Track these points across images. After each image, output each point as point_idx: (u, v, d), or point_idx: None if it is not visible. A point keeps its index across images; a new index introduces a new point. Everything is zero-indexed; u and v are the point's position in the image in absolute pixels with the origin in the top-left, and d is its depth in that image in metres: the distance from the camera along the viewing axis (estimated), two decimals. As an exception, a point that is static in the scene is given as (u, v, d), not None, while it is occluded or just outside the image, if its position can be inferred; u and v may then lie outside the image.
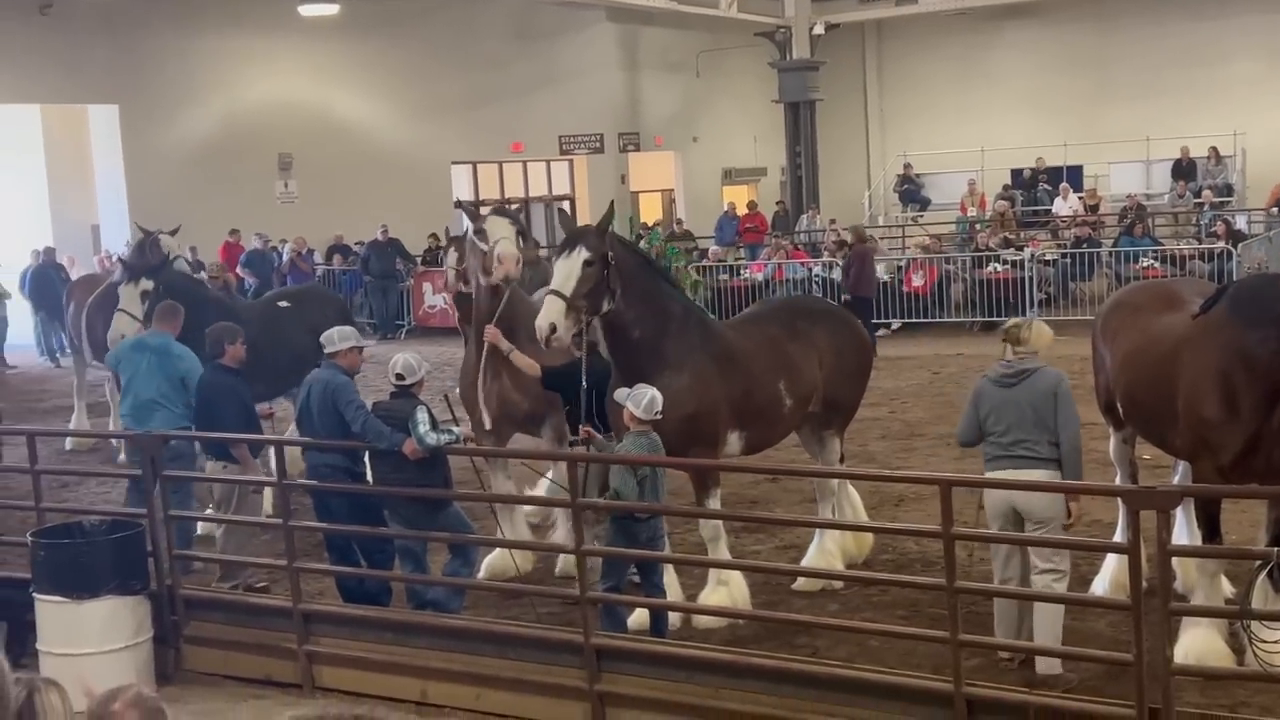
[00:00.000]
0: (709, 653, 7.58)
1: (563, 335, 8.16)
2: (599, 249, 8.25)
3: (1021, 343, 7.60)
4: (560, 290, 8.14)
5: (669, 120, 36.90)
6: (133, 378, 10.19)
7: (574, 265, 8.19)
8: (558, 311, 8.09)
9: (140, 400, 10.06)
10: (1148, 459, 9.29)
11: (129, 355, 10.33)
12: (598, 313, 8.32)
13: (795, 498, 11.56)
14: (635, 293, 8.44)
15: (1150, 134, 32.58)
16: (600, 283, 8.23)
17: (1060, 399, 7.45)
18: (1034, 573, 7.54)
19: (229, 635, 8.85)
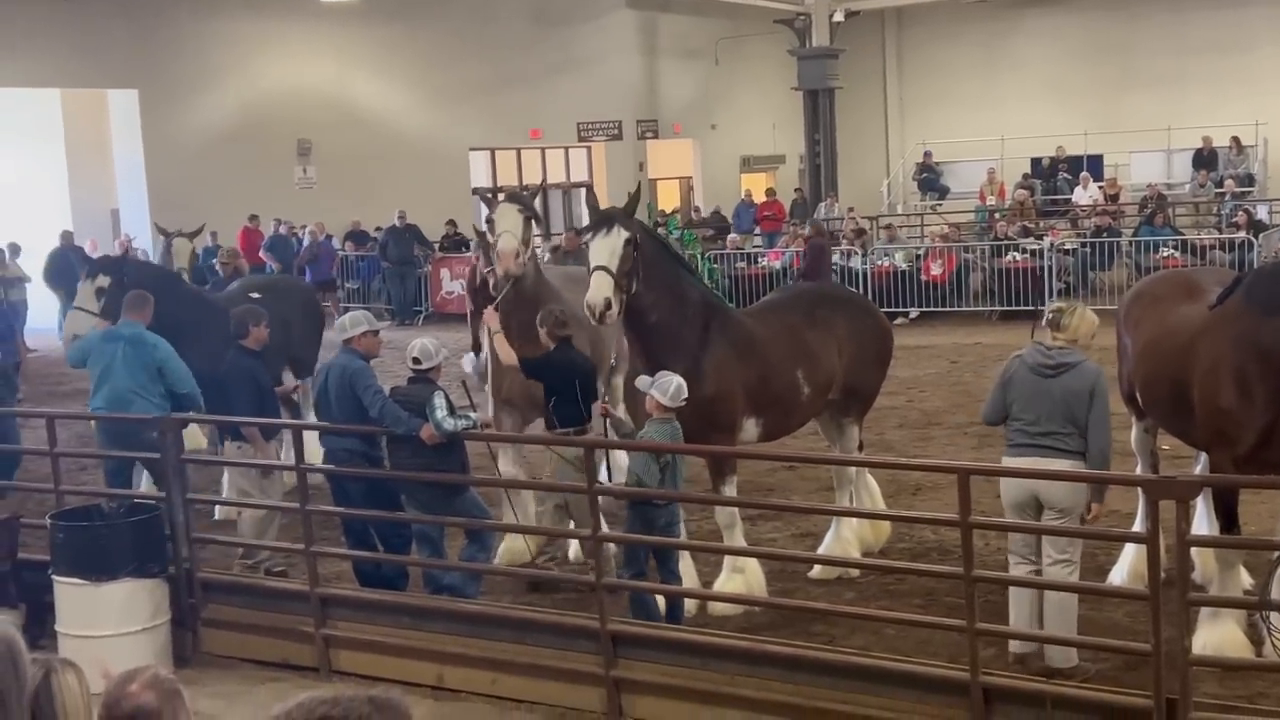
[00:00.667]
0: (725, 639, 7.58)
1: (616, 310, 8.10)
2: (633, 228, 8.28)
3: (1063, 330, 7.44)
4: (606, 265, 8.11)
5: (687, 107, 36.83)
6: (107, 368, 10.00)
7: (616, 243, 8.16)
8: (609, 287, 8.05)
9: (118, 391, 9.92)
10: (1167, 449, 9.25)
11: (100, 347, 10.14)
12: (629, 293, 8.28)
13: (812, 485, 11.55)
14: (655, 277, 8.43)
15: (1171, 123, 32.40)
16: (635, 264, 8.23)
17: (1096, 399, 7.30)
18: (1046, 563, 7.48)
19: (246, 618, 8.88)
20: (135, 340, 10.09)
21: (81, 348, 10.47)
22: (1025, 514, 7.48)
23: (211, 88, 27.17)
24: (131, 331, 10.14)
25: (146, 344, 10.10)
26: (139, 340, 10.10)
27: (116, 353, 10.01)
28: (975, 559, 6.93)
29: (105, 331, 10.33)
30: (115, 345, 10.07)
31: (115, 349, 10.04)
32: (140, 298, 10.36)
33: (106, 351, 10.06)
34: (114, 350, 10.04)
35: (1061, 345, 7.45)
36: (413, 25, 29.87)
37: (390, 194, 27.06)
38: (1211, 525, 8.07)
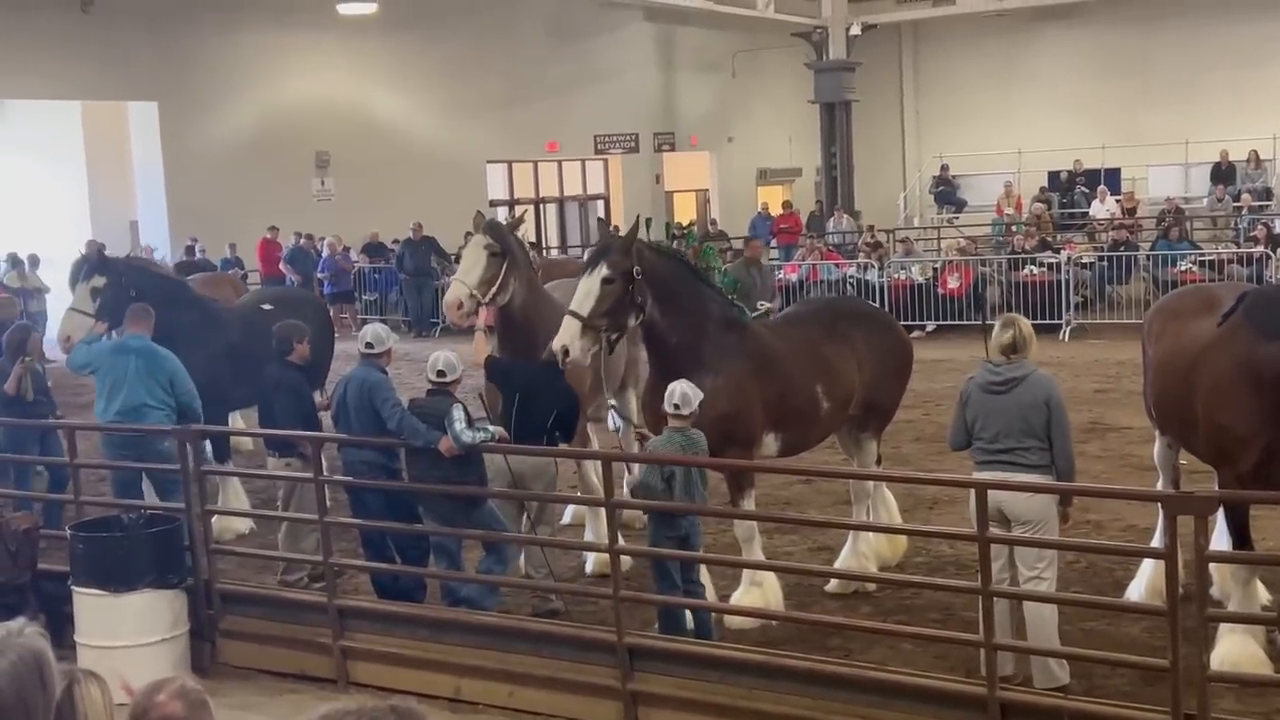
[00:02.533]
0: (742, 653, 7.59)
1: (578, 357, 8.13)
2: (622, 265, 8.20)
3: (1019, 351, 7.40)
4: (577, 310, 8.14)
5: (704, 120, 36.88)
6: (119, 381, 10.01)
7: (593, 284, 8.18)
8: (572, 333, 8.08)
9: (132, 403, 9.96)
10: (1185, 464, 9.23)
11: (111, 359, 10.16)
12: (622, 329, 8.35)
13: (829, 499, 11.55)
14: (669, 300, 8.43)
15: (1189, 137, 32.35)
16: (622, 299, 8.20)
17: (1053, 408, 7.27)
18: (1020, 580, 7.41)
19: (265, 630, 8.92)
20: (146, 353, 10.13)
21: (88, 355, 10.42)
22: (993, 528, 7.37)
23: (230, 100, 27.30)
24: (141, 344, 10.17)
25: (158, 356, 10.16)
26: (150, 353, 10.15)
27: (129, 366, 10.04)
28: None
29: (115, 344, 10.35)
30: (127, 358, 10.09)
31: (127, 362, 10.06)
32: (142, 310, 10.40)
33: (119, 364, 10.08)
34: (126, 363, 10.06)
35: (1005, 361, 7.40)
36: (430, 38, 29.99)
37: (407, 206, 27.14)
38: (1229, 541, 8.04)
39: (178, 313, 10.97)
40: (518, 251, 9.77)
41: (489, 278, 9.44)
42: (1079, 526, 7.97)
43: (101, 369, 10.18)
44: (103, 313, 11.05)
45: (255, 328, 12.09)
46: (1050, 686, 7.18)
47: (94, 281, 11.24)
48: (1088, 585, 9.01)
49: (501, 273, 9.45)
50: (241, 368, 11.53)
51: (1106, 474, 11.89)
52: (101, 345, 10.52)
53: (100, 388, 10.17)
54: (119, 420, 9.95)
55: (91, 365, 10.29)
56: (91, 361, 10.32)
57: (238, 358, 11.54)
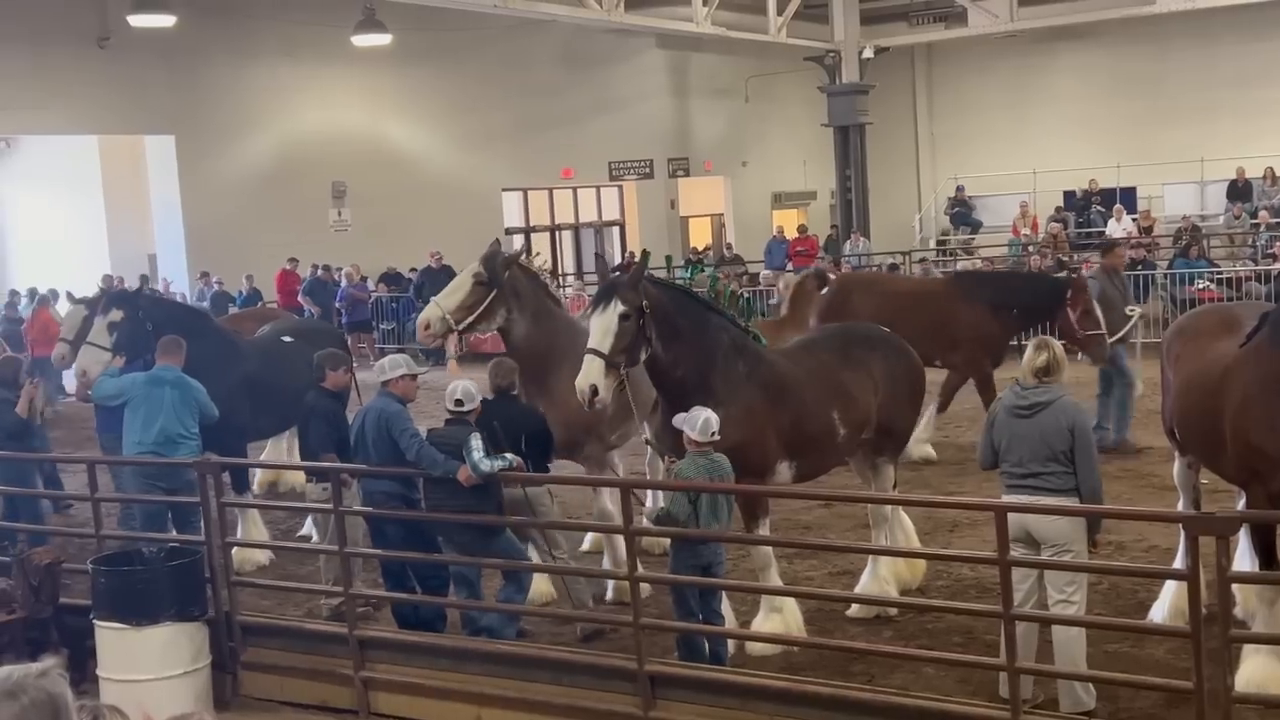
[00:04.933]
0: (763, 679, 7.57)
1: (604, 396, 8.03)
2: (634, 301, 8.15)
3: (1052, 375, 7.38)
4: (598, 349, 8.05)
5: (718, 145, 36.98)
6: (154, 411, 10.09)
7: (610, 320, 8.09)
8: (597, 372, 7.98)
9: (167, 434, 10.05)
10: (1207, 483, 9.19)
11: (147, 390, 10.21)
12: (635, 363, 8.26)
13: (848, 523, 11.52)
14: (674, 334, 8.37)
15: (1204, 155, 32.31)
16: (637, 335, 8.15)
17: (1078, 436, 7.24)
18: (1050, 603, 7.36)
19: (286, 661, 8.93)
20: (180, 384, 10.25)
21: (117, 386, 10.46)
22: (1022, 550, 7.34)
23: (247, 133, 27.47)
24: (175, 375, 10.29)
25: (191, 387, 10.29)
26: (184, 384, 10.27)
27: (164, 396, 10.14)
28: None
29: (149, 375, 10.38)
30: (162, 389, 10.18)
31: (163, 393, 10.16)
32: (174, 342, 10.47)
33: (154, 396, 10.16)
34: (162, 394, 10.15)
35: (1035, 384, 7.38)
36: (445, 69, 30.15)
37: (424, 235, 27.26)
38: (1253, 561, 8.00)
39: (197, 344, 11.02)
40: (518, 282, 9.78)
41: (468, 304, 9.56)
42: (1102, 549, 7.93)
43: (135, 399, 10.23)
44: (119, 347, 11.11)
45: (275, 359, 12.16)
46: (1075, 710, 7.13)
47: (111, 316, 11.30)
48: (1110, 607, 8.96)
49: (485, 302, 9.55)
50: (261, 399, 11.58)
51: (1127, 494, 11.84)
52: (134, 376, 10.57)
53: (132, 418, 10.20)
54: (155, 450, 10.01)
55: (123, 396, 10.34)
56: (123, 392, 10.36)
57: (257, 389, 11.59)
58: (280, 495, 13.84)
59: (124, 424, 10.33)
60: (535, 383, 9.51)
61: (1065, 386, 7.52)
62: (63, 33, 24.66)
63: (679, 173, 36.47)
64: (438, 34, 28.96)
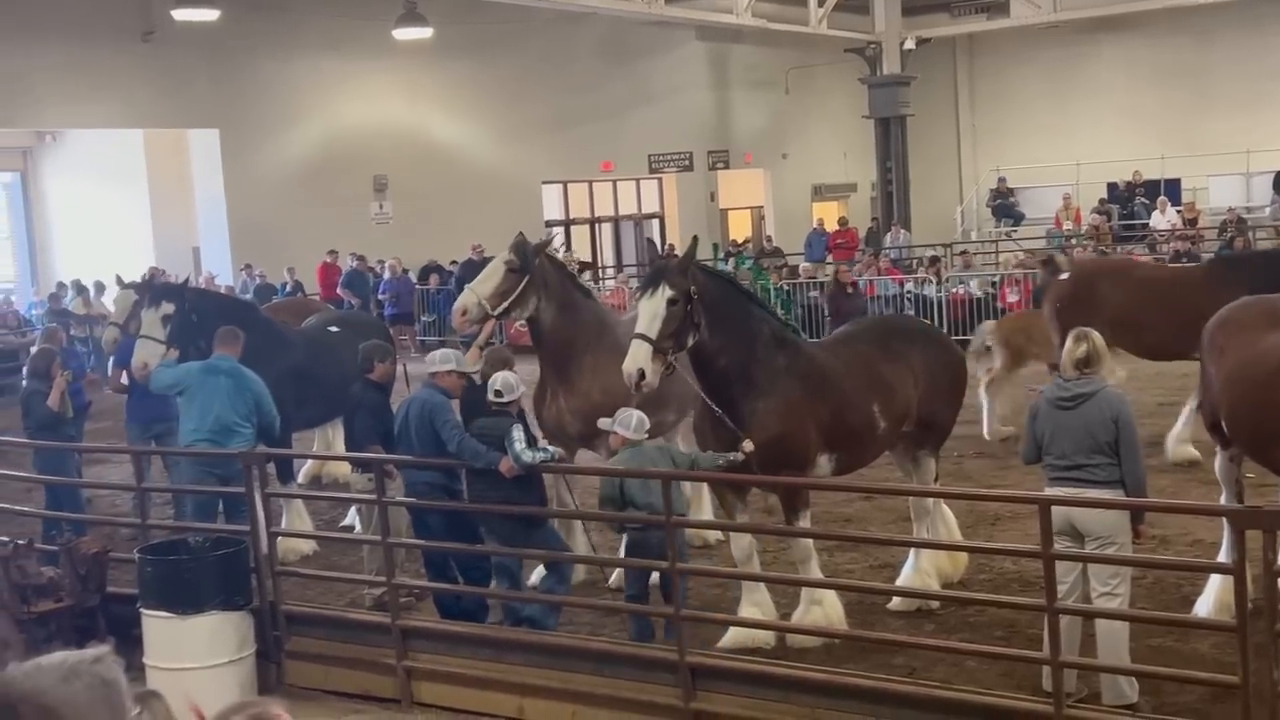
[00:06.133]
0: (805, 672, 7.56)
1: (651, 380, 8.03)
2: (682, 286, 8.14)
3: (1092, 366, 7.35)
4: (646, 333, 8.05)
5: (758, 137, 36.91)
6: (210, 400, 10.18)
7: (658, 305, 8.10)
8: (644, 356, 7.98)
9: (223, 423, 10.13)
10: (1252, 477, 9.12)
11: (202, 379, 10.31)
12: (683, 348, 8.25)
13: (889, 516, 11.49)
14: (720, 322, 8.37)
15: (1250, 146, 32.00)
16: (685, 320, 8.15)
17: (1122, 427, 7.19)
18: (1093, 595, 7.33)
19: (329, 650, 8.99)
20: (236, 374, 10.35)
21: (174, 376, 10.59)
22: (1066, 543, 7.32)
23: (290, 126, 27.65)
24: (230, 365, 10.39)
25: (246, 378, 10.38)
26: (239, 374, 10.37)
27: (220, 385, 10.24)
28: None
29: (205, 365, 10.49)
30: (218, 379, 10.28)
31: (218, 381, 10.26)
32: (231, 333, 10.60)
33: (209, 384, 10.26)
34: (217, 383, 10.25)
35: (1078, 376, 7.34)
36: (486, 62, 30.22)
37: (464, 228, 27.34)
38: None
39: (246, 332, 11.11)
40: (546, 271, 9.91)
41: (502, 291, 9.69)
42: (1145, 542, 7.88)
43: (191, 388, 10.34)
44: (173, 338, 11.24)
45: (321, 349, 12.26)
46: (1119, 704, 7.10)
47: (163, 309, 11.44)
48: (1154, 601, 8.91)
49: (519, 289, 9.69)
50: (306, 389, 11.68)
51: (1172, 488, 11.76)
52: (190, 365, 10.68)
53: (188, 407, 10.32)
54: (211, 438, 10.11)
55: (180, 385, 10.46)
56: (180, 381, 10.48)
57: (302, 379, 11.69)
58: (324, 486, 13.94)
59: (180, 413, 10.45)
60: (558, 372, 9.55)
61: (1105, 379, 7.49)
62: (107, 27, 24.90)
63: (719, 165, 36.43)
64: (478, 27, 29.03)
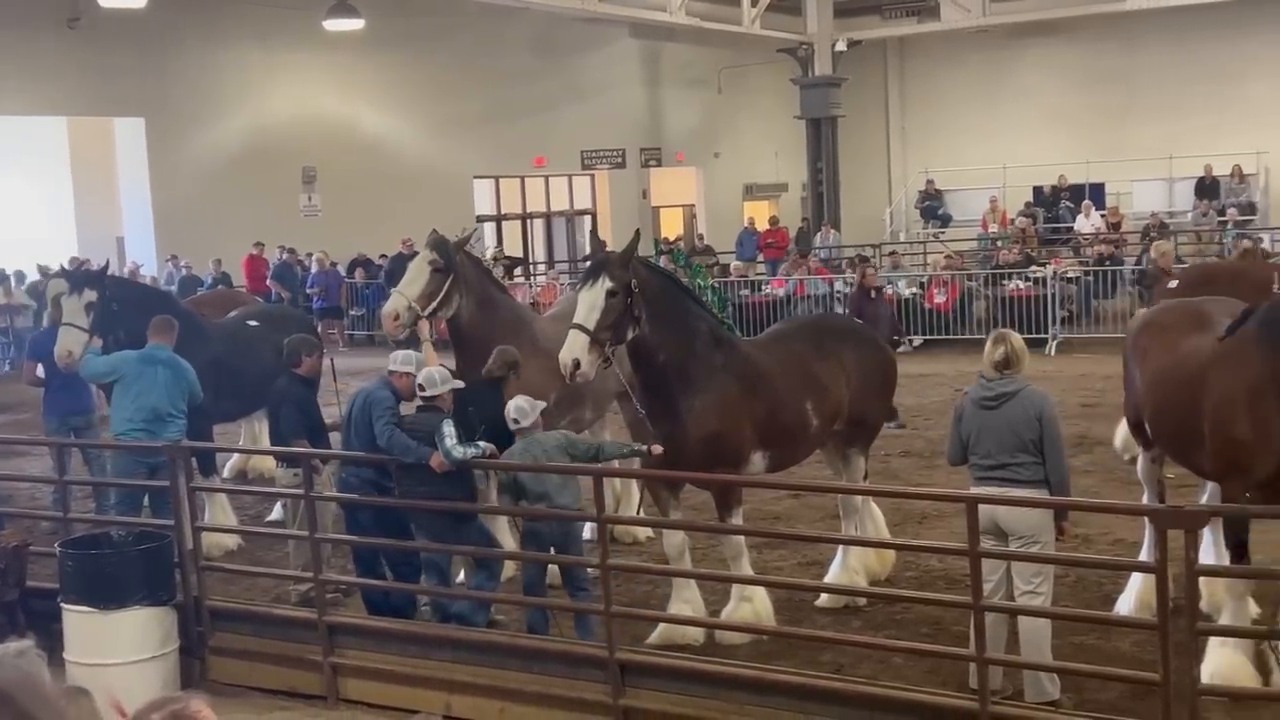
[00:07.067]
0: (734, 669, 7.58)
1: (587, 370, 8.05)
2: (622, 278, 8.16)
3: (1011, 367, 7.44)
4: (583, 324, 8.07)
5: (691, 135, 36.99)
6: (146, 389, 10.07)
7: (597, 297, 8.12)
8: (581, 346, 8.01)
9: (158, 413, 10.04)
10: (1172, 477, 9.27)
11: (139, 368, 10.19)
12: (621, 341, 8.27)
13: (818, 514, 11.56)
14: (660, 317, 8.39)
15: (1173, 152, 32.55)
16: (624, 312, 8.16)
17: (1045, 424, 7.28)
18: (1017, 594, 7.41)
19: (254, 646, 8.90)
20: (173, 364, 10.26)
21: (109, 364, 10.45)
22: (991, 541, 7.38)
23: (218, 116, 27.32)
24: (168, 355, 10.30)
25: (183, 368, 10.30)
26: (177, 364, 10.27)
27: (157, 375, 10.13)
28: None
29: (142, 354, 10.35)
30: (155, 368, 10.17)
31: (156, 371, 10.15)
32: (166, 322, 10.50)
33: (146, 374, 10.15)
34: (155, 373, 10.15)
35: (998, 376, 7.41)
36: (418, 55, 30.04)
37: (394, 221, 27.14)
38: (1219, 555, 8.07)
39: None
40: (465, 268, 10.01)
41: (430, 292, 9.79)
42: (1068, 540, 7.99)
43: (126, 377, 10.21)
44: (96, 327, 11.08)
45: (241, 343, 12.13)
46: (1042, 701, 7.18)
47: (86, 296, 11.29)
48: (1077, 599, 9.03)
49: (444, 288, 9.78)
50: (223, 382, 11.53)
51: (1095, 488, 11.92)
52: (126, 354, 10.54)
53: (122, 397, 10.17)
54: (145, 427, 9.98)
55: (115, 374, 10.32)
56: (115, 370, 10.35)
57: (222, 372, 11.54)
58: (250, 481, 13.79)
59: (113, 401, 10.31)
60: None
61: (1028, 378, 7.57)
62: (32, 13, 24.46)
63: (651, 163, 36.47)
64: (410, 19, 28.86)
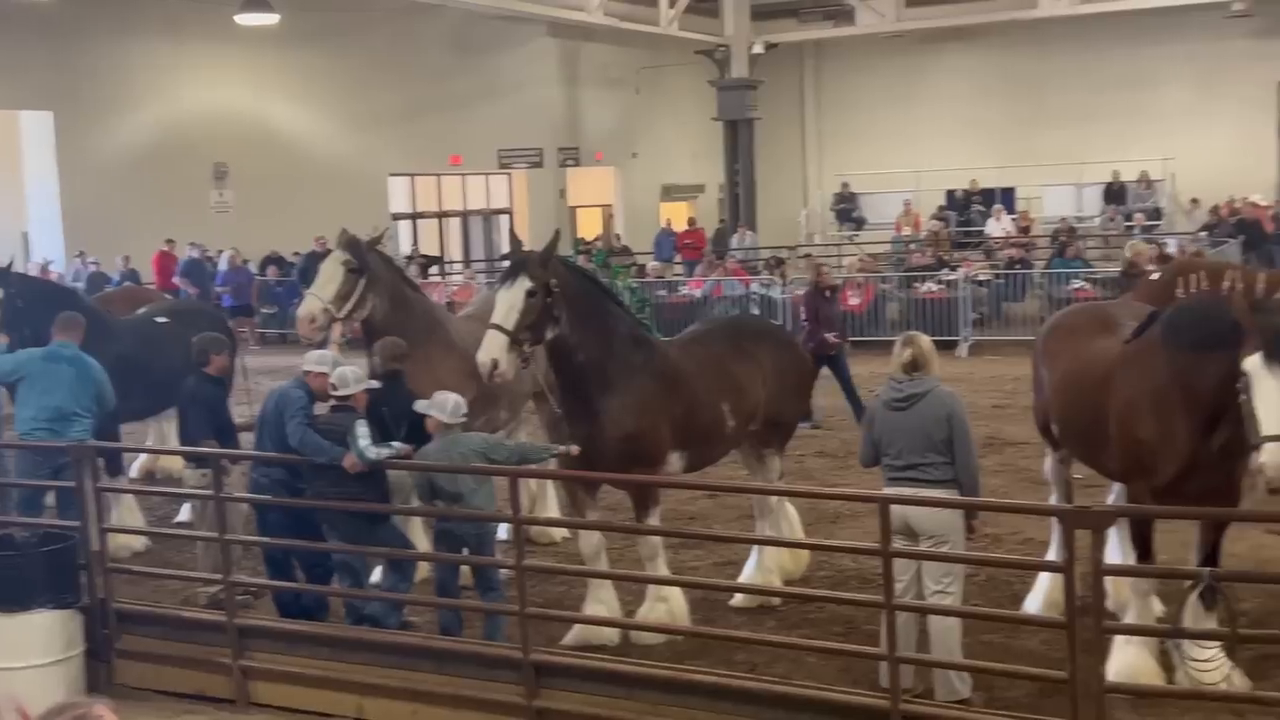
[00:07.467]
0: (648, 669, 7.58)
1: (506, 370, 8.03)
2: (541, 278, 8.14)
3: (920, 369, 7.52)
4: (502, 324, 8.04)
5: (608, 136, 36.99)
6: (50, 387, 9.83)
7: (516, 297, 8.08)
8: (499, 347, 7.98)
9: (63, 412, 9.78)
10: (1080, 478, 9.41)
11: (44, 366, 9.94)
12: (540, 342, 8.25)
13: (733, 514, 11.61)
14: (580, 317, 8.38)
15: (1082, 158, 33.09)
16: (543, 312, 8.14)
17: (954, 424, 7.37)
18: (927, 594, 7.49)
19: (162, 649, 8.76)
20: (79, 362, 9.99)
21: (13, 363, 10.18)
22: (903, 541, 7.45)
23: (128, 110, 26.88)
24: (73, 352, 10.03)
25: (90, 365, 10.04)
26: (83, 362, 10.01)
27: (62, 373, 9.87)
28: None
29: (46, 351, 10.10)
30: (60, 365, 9.92)
31: (60, 369, 9.90)
32: (73, 319, 10.27)
33: (51, 372, 9.89)
34: (59, 370, 9.89)
35: (908, 378, 7.50)
36: (332, 51, 29.74)
37: (308, 219, 26.84)
38: (1125, 555, 8.21)
39: None
40: (378, 267, 9.97)
41: (344, 293, 9.74)
42: (978, 540, 8.10)
43: (31, 376, 9.94)
44: (1, 325, 10.86)
45: (148, 341, 11.92)
46: (952, 699, 7.27)
47: None
48: (986, 598, 9.15)
49: (358, 288, 9.74)
50: (129, 380, 11.33)
51: (1004, 488, 12.08)
52: (32, 352, 10.28)
53: (26, 395, 9.90)
54: (49, 426, 9.73)
55: (19, 372, 10.04)
56: (19, 368, 10.07)
57: (128, 370, 11.33)
58: (158, 481, 13.57)
59: (17, 400, 10.04)
60: None
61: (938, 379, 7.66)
62: (-64, 4, 23.90)
63: (569, 162, 36.43)
64: (325, 15, 28.56)
